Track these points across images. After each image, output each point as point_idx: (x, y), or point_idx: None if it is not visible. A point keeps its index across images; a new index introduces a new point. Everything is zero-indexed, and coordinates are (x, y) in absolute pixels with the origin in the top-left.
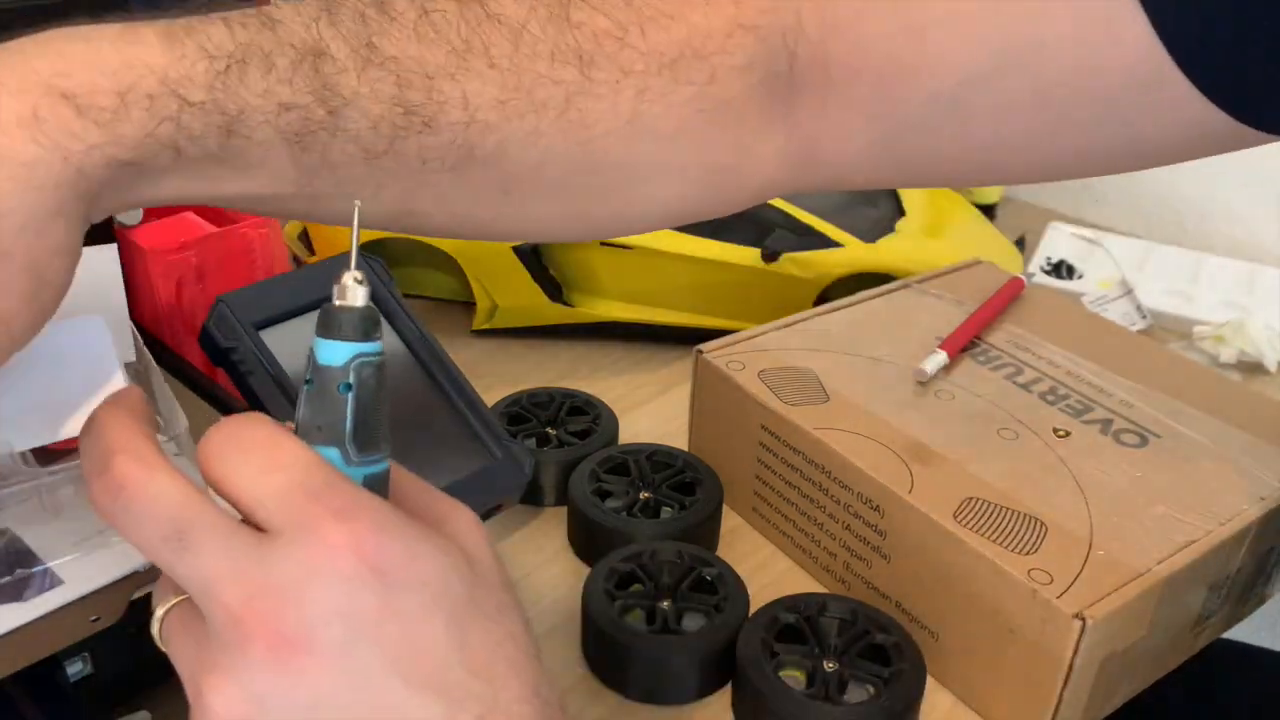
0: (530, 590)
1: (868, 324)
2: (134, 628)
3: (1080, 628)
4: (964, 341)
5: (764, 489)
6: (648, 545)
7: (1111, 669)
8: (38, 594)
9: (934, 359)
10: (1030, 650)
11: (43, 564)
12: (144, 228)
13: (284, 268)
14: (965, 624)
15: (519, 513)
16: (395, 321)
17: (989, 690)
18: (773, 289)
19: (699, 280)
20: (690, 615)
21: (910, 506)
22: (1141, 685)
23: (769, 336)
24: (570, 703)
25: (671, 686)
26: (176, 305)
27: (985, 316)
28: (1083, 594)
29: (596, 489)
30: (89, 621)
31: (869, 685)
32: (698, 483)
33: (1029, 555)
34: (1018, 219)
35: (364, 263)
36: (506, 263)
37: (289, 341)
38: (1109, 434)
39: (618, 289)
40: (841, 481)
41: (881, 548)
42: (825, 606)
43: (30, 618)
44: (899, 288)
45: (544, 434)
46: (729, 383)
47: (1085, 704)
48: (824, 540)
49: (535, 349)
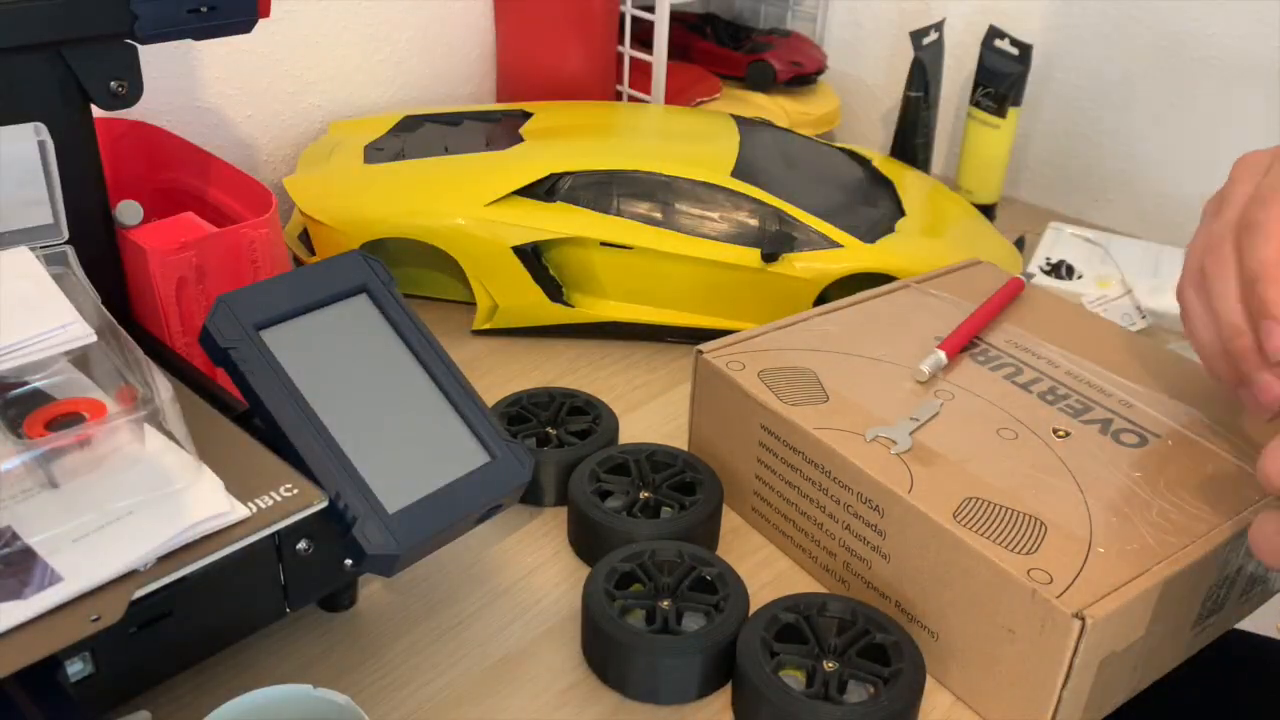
0: (530, 590)
1: (868, 324)
2: (134, 627)
3: (1080, 628)
4: (963, 342)
5: (764, 489)
6: (648, 545)
7: (1111, 669)
8: (37, 592)
9: (933, 359)
10: (1030, 650)
11: (43, 562)
12: (144, 228)
13: (284, 268)
14: (965, 624)
15: (519, 513)
16: (396, 321)
17: (988, 690)
18: (773, 289)
19: (699, 280)
20: (690, 615)
21: (910, 506)
22: (1141, 685)
23: (769, 336)
24: (570, 702)
25: (671, 686)
26: (176, 305)
27: (985, 316)
28: (1082, 594)
29: (596, 489)
30: (89, 620)
31: (869, 685)
32: (698, 483)
33: (1029, 555)
34: (1018, 219)
35: (367, 263)
36: (507, 263)
37: (289, 341)
38: (1109, 434)
39: (618, 289)
40: (841, 481)
41: (881, 548)
42: (825, 606)
43: (30, 616)
44: (899, 288)
45: (544, 434)
46: (729, 383)
47: (1085, 704)
48: (824, 540)
49: (535, 349)
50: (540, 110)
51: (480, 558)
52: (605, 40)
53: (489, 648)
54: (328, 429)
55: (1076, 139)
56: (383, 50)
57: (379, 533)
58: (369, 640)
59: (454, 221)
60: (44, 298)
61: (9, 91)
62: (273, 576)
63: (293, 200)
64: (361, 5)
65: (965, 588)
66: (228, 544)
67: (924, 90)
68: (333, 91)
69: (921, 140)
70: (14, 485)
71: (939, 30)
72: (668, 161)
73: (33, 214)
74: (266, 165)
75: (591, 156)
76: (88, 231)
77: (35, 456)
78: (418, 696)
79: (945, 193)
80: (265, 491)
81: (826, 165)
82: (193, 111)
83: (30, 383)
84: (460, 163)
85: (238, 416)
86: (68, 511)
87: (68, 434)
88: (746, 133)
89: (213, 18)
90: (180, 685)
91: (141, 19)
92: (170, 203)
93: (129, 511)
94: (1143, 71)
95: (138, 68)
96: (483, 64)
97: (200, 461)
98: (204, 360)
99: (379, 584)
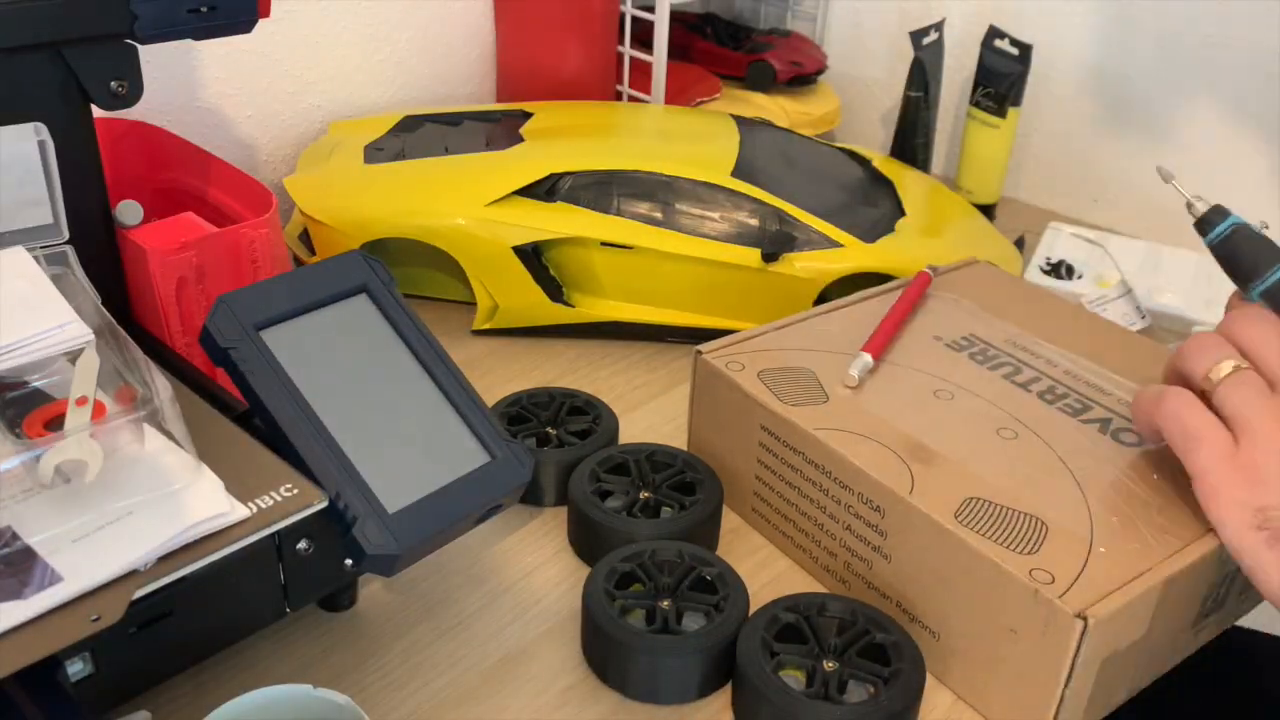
0: (530, 590)
1: (867, 324)
2: (134, 627)
3: (1082, 627)
4: (885, 342)
5: (764, 489)
6: (648, 545)
7: (1112, 668)
8: (37, 592)
9: (859, 362)
10: (1032, 650)
11: (43, 562)
12: (144, 228)
13: (284, 268)
14: (966, 624)
15: (519, 513)
16: (395, 321)
17: (990, 689)
18: (773, 289)
19: (699, 280)
20: (690, 615)
21: (911, 506)
22: (1142, 683)
23: (769, 336)
24: (570, 702)
25: (671, 686)
26: (176, 305)
27: (900, 314)
28: (1084, 594)
29: (596, 489)
30: (89, 620)
31: (869, 685)
32: (698, 483)
33: (1030, 555)
34: (1017, 219)
35: (367, 262)
36: (507, 263)
37: (289, 341)
38: (1108, 433)
39: (618, 289)
40: (842, 482)
41: (882, 548)
42: (825, 606)
43: (30, 616)
44: (897, 287)
45: (544, 434)
46: (729, 383)
47: (1086, 703)
48: (824, 540)
49: (535, 349)
50: (540, 110)
51: (480, 558)
52: (605, 40)
53: (489, 648)
54: (328, 429)
55: (1076, 139)
56: (383, 50)
57: (379, 533)
58: (369, 640)
59: (455, 221)
60: (41, 298)
61: (9, 91)
62: (273, 576)
63: (293, 200)
64: (361, 5)
65: (967, 588)
66: (228, 544)
67: (924, 90)
68: (333, 91)
69: (921, 140)
70: (14, 485)
71: (939, 30)
72: (668, 161)
73: (33, 214)
74: (266, 165)
75: (592, 156)
76: (88, 231)
77: (35, 456)
78: (418, 696)
79: (945, 193)
80: (265, 491)
81: (826, 165)
82: (193, 111)
83: (30, 383)
84: (461, 163)
85: (238, 416)
86: (68, 511)
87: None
88: (746, 133)
89: (213, 18)
90: (180, 685)
91: (141, 19)
92: (170, 203)
93: (129, 511)
94: (1142, 71)
95: (138, 68)
96: (483, 64)
97: (200, 461)
98: (204, 360)
99: (379, 584)
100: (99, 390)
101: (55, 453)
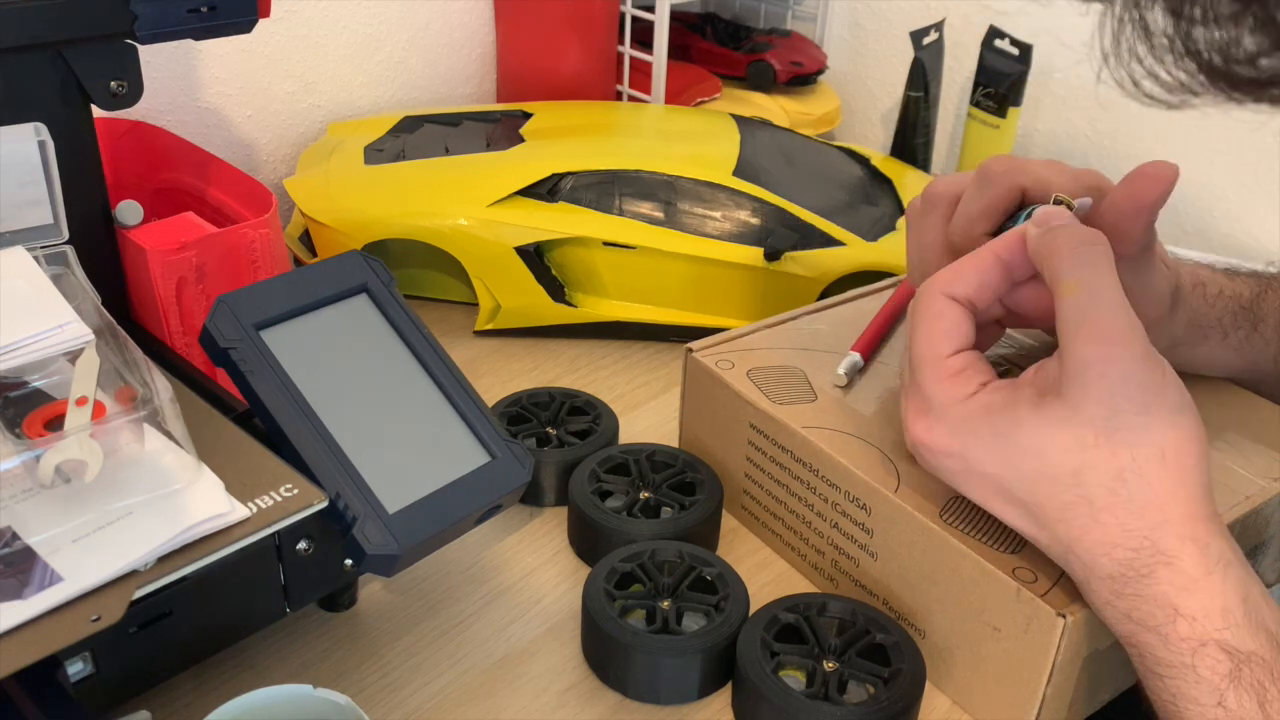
0: (530, 590)
1: (857, 322)
2: (134, 627)
3: (1063, 626)
4: (874, 342)
5: (753, 487)
6: (648, 545)
7: (1095, 667)
8: (37, 592)
9: (848, 361)
10: (1015, 648)
11: (43, 562)
12: (144, 228)
13: (284, 268)
14: (951, 622)
15: (519, 513)
16: (395, 322)
17: (975, 688)
18: (775, 288)
19: (701, 280)
20: (690, 615)
21: (897, 505)
22: (1126, 684)
23: (758, 335)
24: (570, 702)
25: (671, 686)
26: (176, 305)
27: (889, 316)
28: (1066, 592)
29: (596, 489)
30: (89, 620)
31: (869, 685)
32: (698, 483)
33: (1013, 554)
34: None
35: (367, 263)
36: (509, 263)
37: (289, 341)
38: None
39: (621, 289)
40: (829, 480)
41: (869, 546)
42: (825, 606)
43: (30, 616)
44: (888, 286)
45: (544, 434)
46: (718, 381)
47: (1070, 700)
48: (812, 539)
49: (535, 349)
50: (540, 110)
51: (480, 558)
52: (605, 40)
53: (489, 648)
54: (328, 429)
55: (1076, 139)
56: (382, 50)
57: (379, 533)
58: (369, 640)
59: (456, 222)
60: (41, 298)
61: (9, 91)
62: (273, 576)
63: (293, 202)
64: (361, 5)
65: (951, 586)
66: (228, 544)
67: (924, 90)
68: (332, 91)
69: (921, 140)
70: (14, 485)
71: (939, 30)
72: (670, 161)
73: (33, 214)
74: (266, 165)
75: (593, 156)
76: (88, 231)
77: (35, 456)
78: (418, 696)
79: None
80: (265, 491)
81: (827, 164)
82: (193, 111)
83: (30, 383)
84: (462, 163)
85: (238, 416)
86: (68, 511)
87: (67, 434)
88: (747, 132)
89: (213, 18)
90: (180, 685)
91: (141, 19)
92: (170, 203)
93: (129, 511)
94: None
95: (138, 68)
96: (483, 64)
97: (200, 461)
98: (204, 360)
99: (379, 584)
100: (99, 390)
101: (55, 453)
